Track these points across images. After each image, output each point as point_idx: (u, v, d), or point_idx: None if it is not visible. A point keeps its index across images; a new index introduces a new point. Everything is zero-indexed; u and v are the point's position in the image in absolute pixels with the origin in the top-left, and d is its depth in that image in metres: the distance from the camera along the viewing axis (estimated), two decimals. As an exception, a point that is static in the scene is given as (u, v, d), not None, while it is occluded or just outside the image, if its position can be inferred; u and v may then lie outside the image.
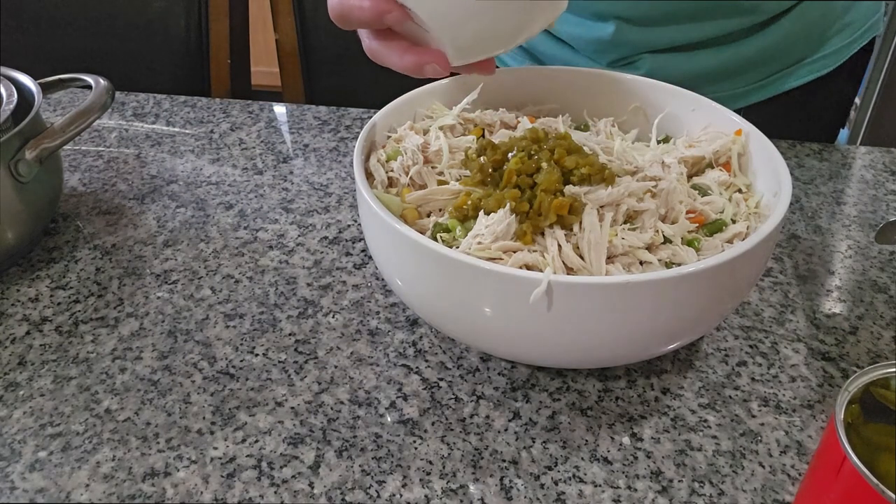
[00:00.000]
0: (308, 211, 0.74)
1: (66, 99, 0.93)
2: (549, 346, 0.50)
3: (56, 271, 0.67)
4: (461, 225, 0.53)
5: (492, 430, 0.53)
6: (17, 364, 0.58)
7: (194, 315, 0.62)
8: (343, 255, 0.69)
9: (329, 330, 0.61)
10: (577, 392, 0.56)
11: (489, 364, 0.58)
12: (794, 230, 0.72)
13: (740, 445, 0.52)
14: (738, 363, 0.58)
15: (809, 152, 0.83)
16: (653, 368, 0.57)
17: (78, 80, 0.71)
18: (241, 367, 0.58)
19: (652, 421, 0.54)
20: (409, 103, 0.64)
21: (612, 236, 0.51)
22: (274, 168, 0.81)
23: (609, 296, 0.46)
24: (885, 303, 0.64)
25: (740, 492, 0.49)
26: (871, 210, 0.75)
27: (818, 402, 0.55)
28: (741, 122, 0.60)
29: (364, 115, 0.91)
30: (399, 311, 0.63)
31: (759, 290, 0.65)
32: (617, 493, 0.49)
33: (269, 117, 0.91)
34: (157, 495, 0.49)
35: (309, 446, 0.52)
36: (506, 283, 0.46)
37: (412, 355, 0.59)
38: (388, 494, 0.49)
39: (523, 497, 0.49)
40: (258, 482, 0.50)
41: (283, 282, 0.66)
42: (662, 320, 0.48)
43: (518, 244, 0.50)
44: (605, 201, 0.52)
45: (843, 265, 0.68)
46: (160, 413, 0.54)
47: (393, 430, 0.53)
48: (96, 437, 0.53)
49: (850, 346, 0.60)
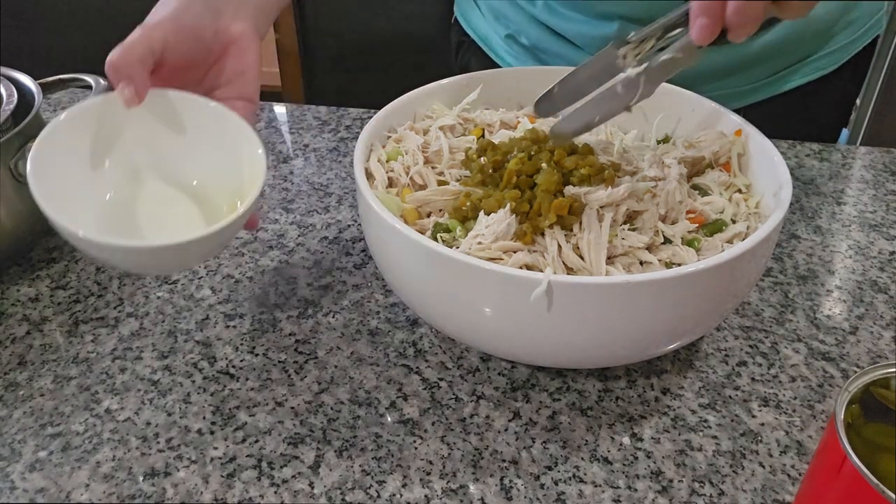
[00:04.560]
0: (308, 211, 0.74)
1: (66, 99, 0.93)
2: (549, 346, 0.50)
3: (56, 271, 0.67)
4: (461, 225, 0.53)
5: (492, 430, 0.53)
6: (17, 364, 0.58)
7: (194, 315, 0.62)
8: (343, 255, 0.69)
9: (329, 330, 0.61)
10: (577, 392, 0.56)
11: (489, 364, 0.58)
12: (794, 230, 0.72)
13: (740, 445, 0.52)
14: (738, 363, 0.58)
15: (809, 152, 0.83)
16: (653, 368, 0.57)
17: (78, 80, 0.71)
18: (241, 367, 0.58)
19: (652, 421, 0.54)
20: (409, 103, 0.64)
21: (612, 236, 0.51)
22: (274, 168, 0.81)
23: (609, 296, 0.46)
24: (885, 303, 0.64)
25: (740, 492, 0.49)
26: (871, 210, 0.75)
27: (818, 402, 0.55)
28: (741, 122, 0.60)
29: (364, 115, 0.91)
30: (399, 311, 0.63)
31: (759, 290, 0.65)
32: (617, 493, 0.49)
33: (269, 117, 0.91)
34: (157, 495, 0.49)
35: (309, 446, 0.52)
36: (506, 283, 0.46)
37: (412, 355, 0.59)
38: (388, 494, 0.49)
39: (523, 497, 0.49)
40: (258, 482, 0.50)
41: (283, 282, 0.66)
42: (662, 320, 0.48)
43: (518, 244, 0.50)
44: (605, 202, 0.52)
45: (843, 265, 0.68)
46: (160, 413, 0.54)
47: (393, 430, 0.53)
48: (96, 437, 0.53)
49: (850, 346, 0.60)
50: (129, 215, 0.56)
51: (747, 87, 0.82)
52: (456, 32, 0.96)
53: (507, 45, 0.87)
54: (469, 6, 0.92)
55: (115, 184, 0.56)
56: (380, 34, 1.33)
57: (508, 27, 0.86)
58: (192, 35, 0.56)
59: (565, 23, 0.80)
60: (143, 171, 0.57)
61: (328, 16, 1.32)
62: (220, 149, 0.56)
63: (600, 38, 0.78)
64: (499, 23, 0.87)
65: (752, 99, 0.82)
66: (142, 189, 0.57)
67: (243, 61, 0.59)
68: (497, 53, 0.89)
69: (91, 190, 0.54)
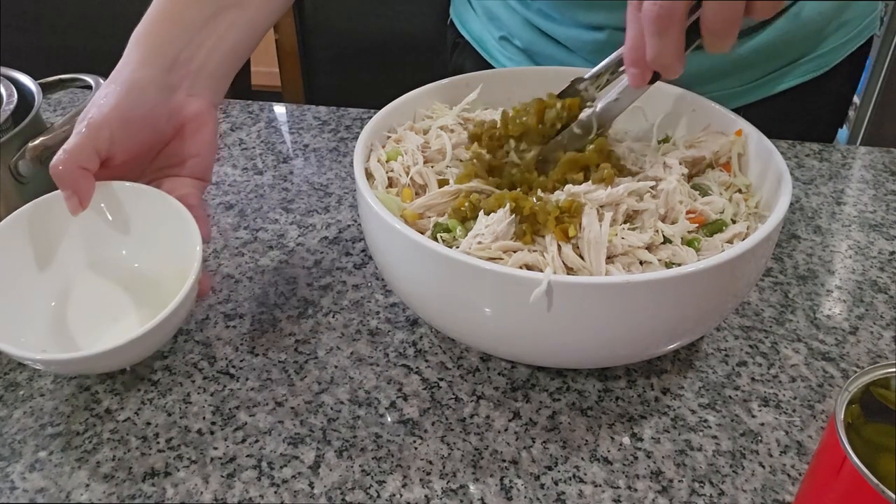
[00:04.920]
0: (308, 211, 0.74)
1: (66, 99, 0.93)
2: (549, 346, 0.50)
3: (56, 271, 0.67)
4: (461, 225, 0.53)
5: (492, 430, 0.53)
6: (18, 364, 0.58)
7: (194, 315, 0.62)
8: (343, 255, 0.69)
9: (329, 330, 0.61)
10: (577, 392, 0.56)
11: (489, 364, 0.58)
12: (794, 230, 0.72)
13: (740, 445, 0.52)
14: (738, 363, 0.58)
15: (809, 152, 0.83)
16: (653, 368, 0.57)
17: (78, 80, 0.71)
18: (241, 367, 0.58)
19: (652, 421, 0.54)
20: (409, 103, 0.64)
21: (612, 236, 0.51)
22: (274, 168, 0.81)
23: (609, 296, 0.46)
24: (885, 303, 0.64)
25: (740, 492, 0.49)
26: (871, 210, 0.75)
27: (818, 402, 0.55)
28: (741, 122, 0.60)
29: (364, 115, 0.91)
30: (399, 311, 0.63)
31: (759, 290, 0.65)
32: (617, 493, 0.49)
33: (269, 117, 0.91)
34: (157, 495, 0.49)
35: (309, 446, 0.52)
36: (506, 282, 0.46)
37: (412, 355, 0.59)
38: (388, 494, 0.49)
39: (523, 497, 0.49)
40: (258, 482, 0.50)
41: (283, 282, 0.66)
42: (662, 320, 0.48)
43: (518, 244, 0.50)
44: (605, 201, 0.52)
45: (843, 265, 0.68)
46: (160, 413, 0.54)
47: (393, 430, 0.53)
48: (96, 437, 0.53)
49: (850, 346, 0.60)
50: (76, 318, 0.57)
51: (739, 88, 0.82)
52: (451, 33, 0.96)
53: (502, 47, 0.87)
54: (464, 7, 0.92)
55: (57, 287, 0.57)
56: (380, 34, 1.33)
57: (502, 29, 0.86)
58: (142, 125, 0.56)
59: (557, 27, 0.80)
60: (85, 266, 0.58)
61: (328, 16, 1.32)
62: (160, 235, 0.57)
63: (591, 43, 0.78)
64: (492, 24, 0.87)
65: (745, 101, 0.82)
66: (85, 284, 0.58)
67: (198, 142, 0.59)
68: (491, 55, 0.89)
69: (33, 299, 0.56)
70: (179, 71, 0.58)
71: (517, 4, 0.83)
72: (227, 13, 0.60)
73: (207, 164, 0.60)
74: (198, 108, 0.59)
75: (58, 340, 0.55)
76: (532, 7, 0.81)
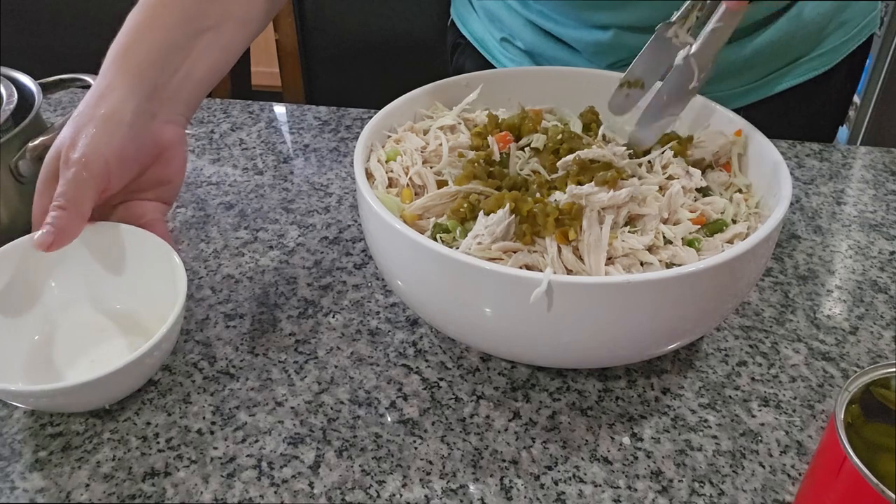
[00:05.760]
0: (308, 211, 0.74)
1: (66, 99, 0.93)
2: (549, 346, 0.50)
3: (56, 271, 0.67)
4: (461, 225, 0.53)
5: (492, 430, 0.53)
6: (18, 364, 0.58)
7: (194, 315, 0.62)
8: (343, 255, 0.69)
9: (329, 330, 0.61)
10: (577, 392, 0.56)
11: (489, 364, 0.58)
12: (794, 230, 0.72)
13: (740, 445, 0.52)
14: (738, 363, 0.58)
15: (809, 152, 0.83)
16: (653, 368, 0.57)
17: (78, 80, 0.71)
18: (241, 367, 0.58)
19: (652, 421, 0.54)
20: (409, 103, 0.64)
21: (613, 239, 0.51)
22: (274, 168, 0.81)
23: (609, 296, 0.46)
24: (885, 303, 0.64)
25: (740, 492, 0.49)
26: (871, 210, 0.75)
27: (818, 402, 0.55)
28: (741, 122, 0.60)
29: (364, 115, 0.91)
30: (399, 311, 0.63)
31: (759, 290, 0.65)
32: (617, 493, 0.49)
33: (270, 117, 0.91)
34: (157, 495, 0.49)
35: (309, 446, 0.52)
36: (506, 283, 0.46)
37: (412, 355, 0.59)
38: (388, 494, 0.49)
39: (523, 497, 0.49)
40: (258, 482, 0.50)
41: (283, 282, 0.66)
42: (662, 320, 0.48)
43: (518, 245, 0.50)
44: (607, 204, 0.52)
45: (843, 265, 0.68)
46: (160, 413, 0.54)
47: (393, 430, 0.53)
48: (96, 437, 0.53)
49: (850, 346, 0.60)
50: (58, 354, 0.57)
51: (740, 88, 0.81)
52: (452, 34, 0.96)
53: (503, 48, 0.87)
54: (465, 8, 0.92)
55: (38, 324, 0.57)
56: (380, 34, 1.33)
57: (503, 30, 0.86)
58: (135, 158, 0.56)
59: (560, 27, 0.80)
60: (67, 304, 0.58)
61: (328, 16, 1.32)
62: (143, 272, 0.57)
63: (595, 44, 0.78)
64: (494, 26, 0.87)
65: (745, 101, 0.82)
66: (67, 322, 0.58)
67: (170, 170, 0.59)
68: (493, 55, 0.88)
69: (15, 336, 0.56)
70: (159, 96, 0.57)
71: (518, 5, 0.82)
72: (203, 37, 0.59)
73: (176, 190, 0.61)
74: (173, 135, 0.58)
75: (34, 379, 0.54)
76: (533, 8, 0.81)
